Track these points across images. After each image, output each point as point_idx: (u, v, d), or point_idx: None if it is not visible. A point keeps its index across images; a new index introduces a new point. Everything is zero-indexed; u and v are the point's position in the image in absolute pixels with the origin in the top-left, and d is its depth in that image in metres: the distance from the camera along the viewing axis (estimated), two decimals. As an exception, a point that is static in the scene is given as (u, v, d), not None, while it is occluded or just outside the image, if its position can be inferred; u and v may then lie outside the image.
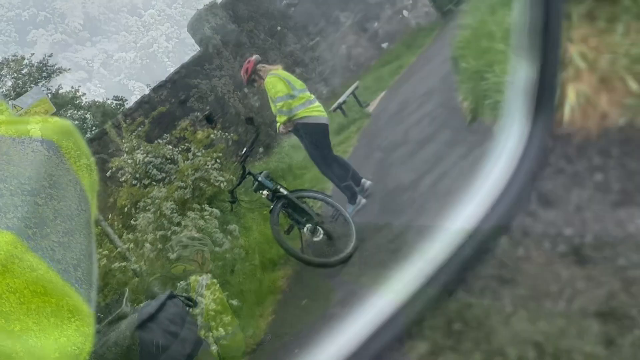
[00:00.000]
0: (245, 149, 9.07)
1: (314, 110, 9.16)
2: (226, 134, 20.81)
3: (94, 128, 47.53)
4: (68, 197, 0.99)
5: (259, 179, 8.59)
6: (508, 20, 6.18)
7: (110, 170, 18.93)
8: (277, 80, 9.08)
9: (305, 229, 8.42)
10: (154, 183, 17.54)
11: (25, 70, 46.81)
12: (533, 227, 1.62)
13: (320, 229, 8.45)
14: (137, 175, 18.67)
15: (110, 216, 18.11)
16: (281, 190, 8.56)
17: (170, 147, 19.06)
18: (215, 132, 20.13)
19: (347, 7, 27.97)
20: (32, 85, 43.52)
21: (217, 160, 17.53)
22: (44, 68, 47.09)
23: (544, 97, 1.53)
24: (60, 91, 48.19)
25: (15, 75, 46.21)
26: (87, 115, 50.87)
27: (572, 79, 2.28)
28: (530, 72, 1.53)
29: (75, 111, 49.85)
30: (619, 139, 2.12)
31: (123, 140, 20.30)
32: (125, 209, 16.74)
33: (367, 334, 1.08)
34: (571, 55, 2.28)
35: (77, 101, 49.82)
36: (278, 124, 9.21)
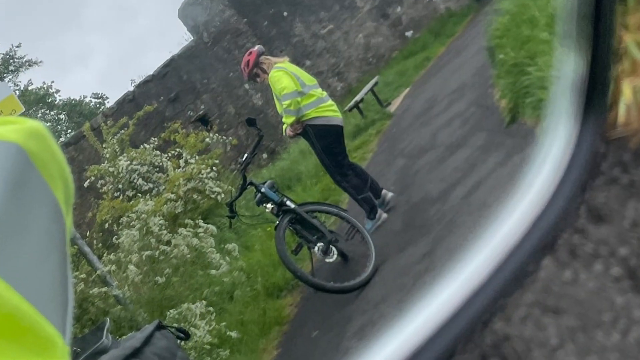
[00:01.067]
0: (246, 155, 9.09)
1: (326, 110, 9.16)
2: (224, 137, 20.90)
3: (69, 131, 47.72)
4: (38, 211, 0.98)
5: (262, 190, 8.59)
6: (553, 4, 6.19)
7: (88, 180, 19.01)
8: (283, 75, 9.08)
9: (316, 249, 8.42)
10: (140, 195, 17.59)
11: (-12, 63, 46.97)
12: (582, 246, 1.61)
13: (333, 248, 8.45)
14: (120, 186, 18.74)
15: (88, 233, 18.17)
16: (288, 203, 8.56)
17: (158, 152, 19.11)
18: (211, 135, 20.20)
19: (365, -11, 27.97)
20: (-3, 80, 43.69)
21: (213, 168, 17.60)
22: (11, 60, 47.23)
23: (595, 94, 1.53)
24: (30, 87, 48.36)
25: (-24, 69, 46.39)
26: (62, 116, 51.09)
27: (628, 73, 2.28)
28: (579, 65, 1.53)
29: (48, 111, 50.09)
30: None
31: (103, 145, 20.38)
32: (106, 225, 16.79)
33: (388, 371, 1.07)
34: (626, 45, 2.27)
35: (50, 99, 50.00)
36: (284, 126, 9.21)
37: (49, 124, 46.89)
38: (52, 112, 50.19)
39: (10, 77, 46.45)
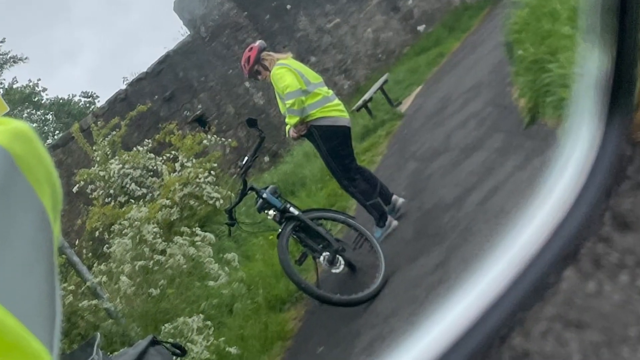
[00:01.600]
0: (246, 158, 9.09)
1: (333, 110, 9.16)
2: (222, 139, 20.92)
3: (57, 132, 47.79)
4: (23, 219, 0.98)
5: (264, 195, 8.59)
6: (576, -4, 6.19)
7: (77, 185, 19.03)
8: (286, 72, 9.08)
9: (321, 259, 8.41)
10: (132, 201, 17.61)
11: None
12: (607, 255, 1.61)
13: (340, 258, 8.44)
14: (111, 191, 18.75)
15: (77, 242, 18.19)
16: (291, 209, 8.56)
17: (152, 155, 19.13)
18: (209, 136, 20.21)
19: (374, -20, 27.96)
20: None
21: (211, 172, 17.60)
22: (-5, 57, 47.25)
23: (621, 93, 1.53)
24: (15, 85, 48.39)
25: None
26: (49, 116, 51.16)
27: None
28: (603, 61, 1.53)
29: (34, 110, 50.15)
30: None
31: (93, 147, 20.39)
32: (97, 233, 16.81)
33: (399, 390, 1.07)
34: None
35: (36, 98, 50.05)
36: (288, 127, 9.22)
37: (35, 124, 46.92)
38: (38, 112, 50.26)
39: (-7, 74, 46.52)
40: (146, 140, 20.13)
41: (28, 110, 48.92)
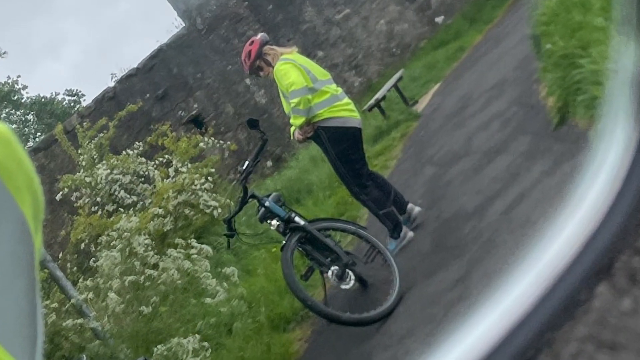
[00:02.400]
0: (247, 163, 9.09)
1: (342, 110, 9.17)
2: (221, 142, 20.95)
3: (38, 134, 47.91)
4: (1, 229, 0.98)
5: (266, 204, 8.59)
6: (609, -16, 6.19)
7: (61, 192, 19.07)
8: (291, 68, 9.09)
9: (329, 273, 8.40)
10: (122, 210, 17.64)
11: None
12: (644, 270, 1.61)
13: (350, 272, 8.44)
14: (99, 199, 18.79)
15: (61, 255, 18.23)
16: (297, 219, 8.56)
17: (143, 159, 19.17)
18: (206, 139, 20.24)
19: (388, -33, 27.97)
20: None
21: (209, 178, 17.61)
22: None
23: (659, 90, 1.53)
24: (-8, 83, 48.54)
25: None
26: (30, 116, 51.29)
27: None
28: (639, 56, 1.52)
29: (13, 110, 50.28)
30: None
31: (79, 151, 20.45)
32: (82, 246, 16.85)
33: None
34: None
35: (16, 96, 50.20)
36: (293, 128, 9.23)
37: (14, 125, 47.06)
38: (18, 112, 50.41)
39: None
40: (137, 143, 20.21)
41: (7, 110, 49.09)
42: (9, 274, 0.95)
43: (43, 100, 51.03)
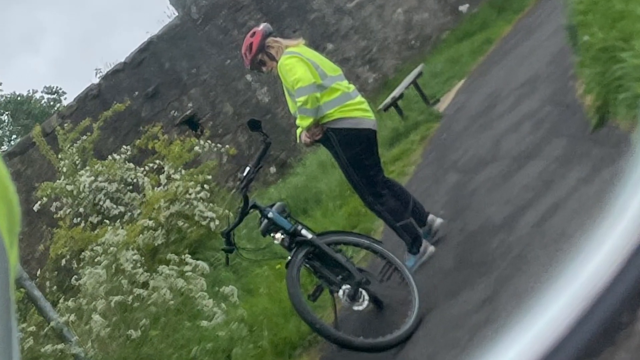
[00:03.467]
0: (247, 169, 9.08)
1: (355, 109, 9.16)
2: (218, 145, 20.94)
3: (13, 136, 48.01)
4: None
5: (270, 215, 8.58)
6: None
7: (39, 202, 19.08)
8: (297, 63, 9.08)
9: (340, 293, 8.38)
10: (107, 221, 17.63)
11: None
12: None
13: (363, 292, 8.41)
14: (81, 210, 18.79)
15: (39, 272, 18.24)
16: (303, 232, 8.54)
17: (132, 165, 19.18)
18: (202, 142, 20.23)
19: (405, -50, 27.95)
20: None
21: (205, 186, 17.60)
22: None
23: None
24: (-38, 81, 48.74)
25: None
26: (4, 117, 51.41)
27: None
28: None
29: (-14, 111, 50.38)
30: None
31: (59, 156, 20.46)
32: (63, 262, 16.85)
33: None
34: None
35: (-11, 95, 50.29)
36: (299, 130, 9.22)
37: (-13, 127, 47.16)
38: (-9, 113, 50.52)
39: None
40: (124, 146, 20.19)
41: (-22, 111, 49.24)
42: None
43: (19, 98, 51.15)
